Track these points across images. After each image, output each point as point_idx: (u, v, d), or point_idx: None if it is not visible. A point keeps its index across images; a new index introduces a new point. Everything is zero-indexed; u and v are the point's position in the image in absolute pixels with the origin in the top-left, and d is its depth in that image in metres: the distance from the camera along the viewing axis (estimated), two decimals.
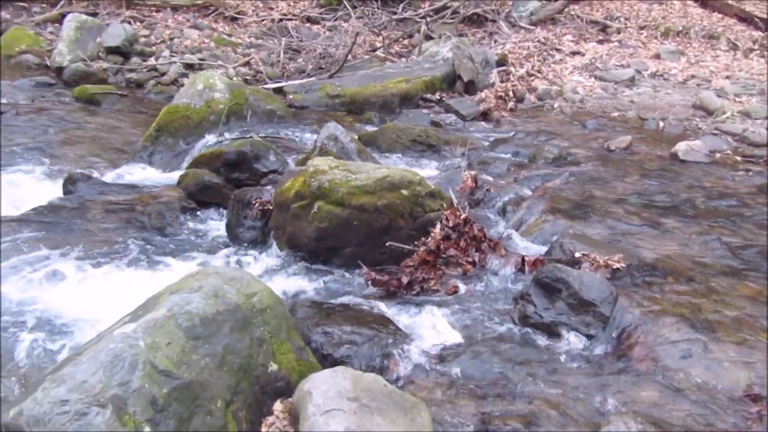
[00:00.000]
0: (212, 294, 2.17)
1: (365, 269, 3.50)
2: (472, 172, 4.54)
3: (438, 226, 3.63)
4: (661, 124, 6.83)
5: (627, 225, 4.07)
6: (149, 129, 5.79)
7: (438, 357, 2.83)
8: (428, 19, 10.13)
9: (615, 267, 3.35)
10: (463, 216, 3.67)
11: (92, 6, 10.07)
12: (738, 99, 7.57)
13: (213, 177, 4.64)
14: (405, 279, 3.43)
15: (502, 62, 8.47)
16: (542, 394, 2.54)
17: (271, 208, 3.98)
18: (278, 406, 2.19)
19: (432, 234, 3.61)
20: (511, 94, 7.54)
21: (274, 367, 2.21)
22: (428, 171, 5.13)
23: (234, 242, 4.07)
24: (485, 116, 7.04)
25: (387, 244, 3.60)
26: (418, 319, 3.15)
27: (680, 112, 7.19)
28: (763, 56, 9.26)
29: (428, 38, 9.65)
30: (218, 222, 4.35)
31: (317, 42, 9.26)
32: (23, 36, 9.03)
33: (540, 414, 2.42)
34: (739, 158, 5.75)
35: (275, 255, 3.89)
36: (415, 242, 3.62)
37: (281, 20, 10.41)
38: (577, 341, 2.91)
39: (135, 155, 5.65)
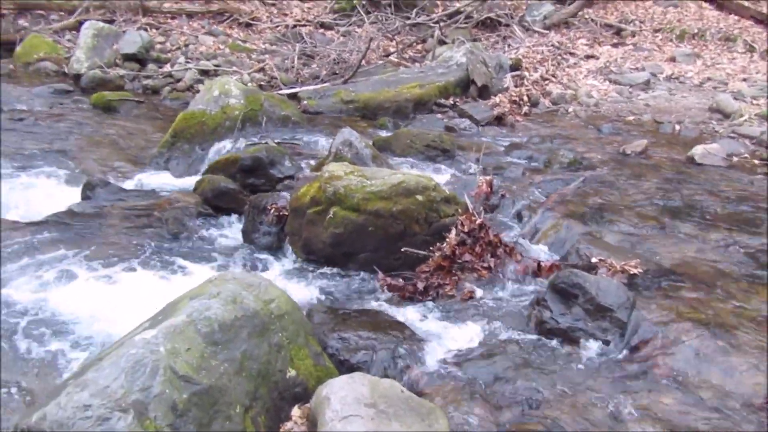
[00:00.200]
0: (231, 300, 2.19)
1: (380, 275, 3.51)
2: (487, 177, 4.53)
3: (453, 232, 3.64)
4: (677, 128, 6.79)
5: (643, 230, 4.05)
6: (165, 135, 5.84)
7: (454, 363, 2.83)
8: (442, 24, 10.14)
9: (632, 272, 3.34)
10: (479, 221, 3.67)
11: (109, 13, 10.18)
12: (755, 101, 7.50)
13: (229, 183, 4.67)
14: (420, 284, 3.44)
15: (516, 66, 8.46)
16: (559, 401, 2.53)
17: (287, 214, 4.01)
18: (296, 412, 2.20)
19: (447, 239, 3.62)
20: (526, 99, 7.53)
21: (292, 373, 2.23)
22: (443, 176, 5.13)
23: (250, 247, 4.09)
24: (499, 121, 7.03)
25: (402, 250, 3.60)
26: (434, 325, 3.15)
27: (696, 116, 7.14)
28: None
29: (442, 43, 9.66)
30: (234, 227, 4.37)
31: (331, 48, 9.30)
32: (41, 44, 9.15)
33: (557, 420, 2.41)
34: (757, 161, 5.69)
35: (291, 260, 3.91)
36: (431, 248, 3.63)
37: (295, 26, 10.47)
38: (594, 347, 2.90)
39: (151, 161, 5.70)
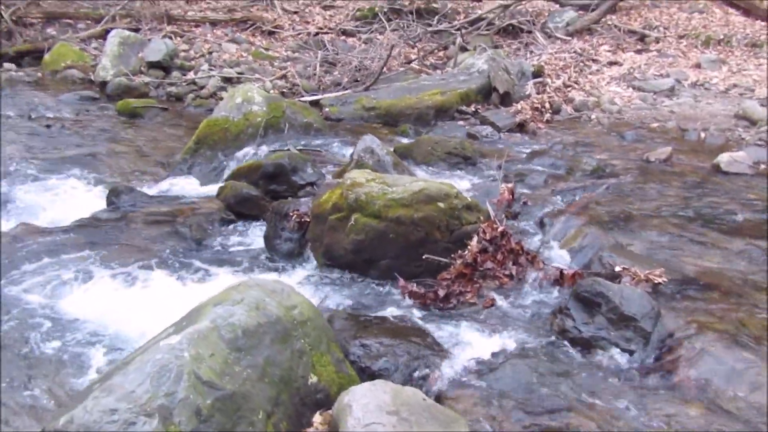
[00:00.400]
0: (254, 306, 2.21)
1: (402, 282, 3.51)
2: (509, 185, 4.52)
3: (475, 239, 3.62)
4: (703, 135, 6.70)
5: (668, 238, 4.00)
6: (189, 142, 5.91)
7: (476, 371, 2.81)
8: (463, 31, 10.14)
9: (656, 281, 3.29)
10: (500, 229, 3.65)
11: (135, 22, 10.35)
12: None
13: (251, 189, 4.71)
14: (441, 292, 3.43)
15: (538, 73, 8.42)
16: (582, 410, 2.51)
17: (309, 220, 4.02)
18: (318, 419, 2.21)
19: (469, 247, 3.60)
20: (548, 106, 7.49)
21: (314, 379, 2.23)
22: (464, 183, 5.12)
23: (272, 254, 4.11)
24: (521, 128, 7.00)
25: (423, 257, 3.60)
26: (455, 333, 3.14)
27: (722, 123, 7.04)
28: None
29: (463, 50, 9.65)
30: (256, 233, 4.40)
31: (353, 55, 9.35)
32: (69, 52, 9.33)
33: (580, 430, 2.39)
34: None
35: (312, 267, 3.92)
36: (452, 255, 3.62)
37: (317, 34, 10.54)
38: (618, 357, 2.87)
39: (175, 167, 5.77)
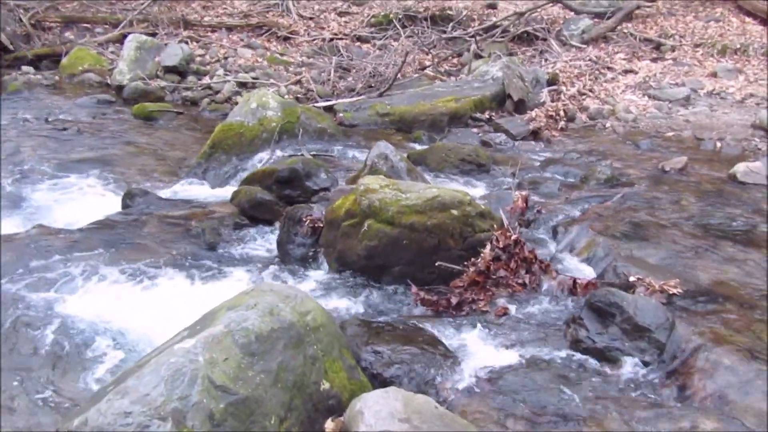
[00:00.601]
0: (267, 311, 2.21)
1: (414, 288, 3.50)
2: (523, 192, 4.50)
3: (488, 247, 3.61)
4: (719, 145, 6.66)
5: (683, 249, 3.98)
6: (204, 146, 5.95)
7: (488, 380, 2.80)
8: (478, 38, 10.14)
9: (671, 292, 3.27)
10: (514, 237, 3.64)
11: (152, 27, 10.45)
12: None
13: (265, 194, 4.73)
14: (454, 299, 3.42)
15: (553, 81, 8.41)
16: (596, 422, 2.49)
17: (322, 226, 4.03)
18: (329, 425, 2.20)
19: (482, 254, 3.60)
20: (562, 114, 7.47)
21: (326, 386, 2.23)
22: (478, 191, 5.11)
23: (285, 259, 4.12)
24: (535, 136, 6.99)
25: (436, 264, 3.59)
26: (468, 341, 3.13)
27: (738, 132, 6.99)
28: None
29: (478, 57, 9.66)
30: (269, 238, 4.42)
31: (367, 61, 9.38)
32: (86, 56, 9.42)
33: None
34: None
35: (325, 272, 3.93)
36: (465, 263, 3.61)
37: (332, 39, 10.58)
38: (632, 368, 2.85)
39: (190, 171, 5.81)
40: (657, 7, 11.21)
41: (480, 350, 3.05)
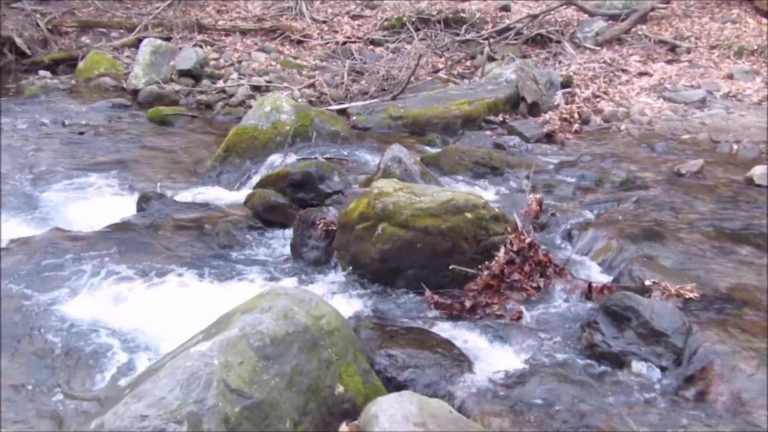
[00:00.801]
0: (282, 315, 2.22)
1: (428, 292, 3.50)
2: (537, 196, 4.48)
3: (502, 250, 3.60)
4: (735, 147, 6.59)
5: (699, 253, 3.94)
6: (218, 149, 5.98)
7: (502, 384, 2.79)
8: (491, 41, 10.12)
9: (687, 296, 3.24)
10: (528, 240, 3.63)
11: (166, 31, 10.53)
12: None
13: (279, 197, 4.75)
14: (468, 303, 3.41)
15: (567, 84, 8.36)
16: (612, 427, 2.47)
17: (335, 229, 4.04)
18: (344, 429, 2.21)
19: (496, 258, 3.58)
20: (576, 116, 7.42)
21: (341, 389, 2.24)
22: (491, 194, 5.09)
23: (298, 261, 4.13)
24: (549, 138, 6.95)
25: (450, 268, 3.59)
26: (482, 344, 3.12)
27: (755, 135, 6.91)
28: None
29: (491, 59, 9.63)
30: (283, 241, 4.43)
31: (380, 64, 9.38)
32: (102, 60, 9.52)
33: None
34: None
35: (338, 275, 3.93)
36: (479, 266, 3.60)
37: (345, 43, 10.60)
38: (648, 373, 2.82)
39: (204, 174, 5.84)
40: (672, 9, 11.12)
41: (494, 354, 3.04)
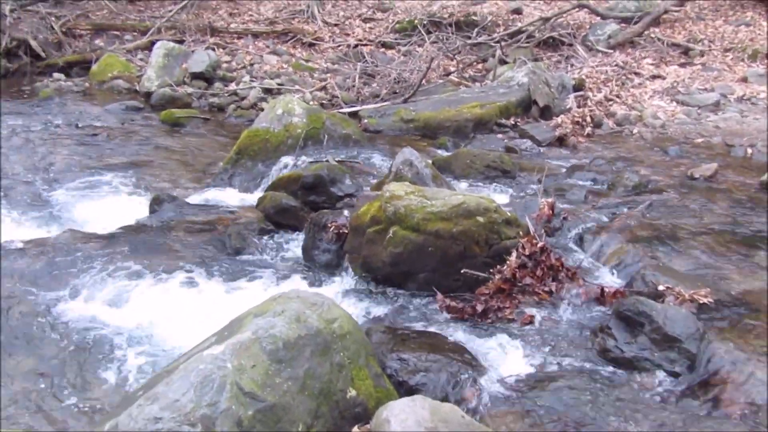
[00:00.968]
0: (295, 318, 2.22)
1: (439, 296, 3.49)
2: (549, 199, 4.46)
3: (514, 254, 3.59)
4: (750, 151, 6.53)
5: (713, 257, 3.91)
6: (230, 152, 6.01)
7: (514, 388, 2.78)
8: (503, 44, 10.09)
9: (701, 302, 3.22)
10: (540, 244, 3.61)
11: (179, 34, 10.59)
12: None
13: (290, 200, 4.76)
14: (480, 307, 3.40)
15: (579, 87, 8.32)
16: None
17: (347, 232, 4.04)
18: None
19: (508, 262, 3.57)
20: (589, 120, 7.38)
21: (353, 393, 2.24)
22: (503, 197, 5.08)
23: (310, 264, 4.15)
24: (561, 142, 6.91)
25: (462, 271, 3.58)
26: (493, 349, 3.11)
27: None
28: None
29: (503, 63, 9.61)
30: (294, 244, 4.44)
31: (392, 67, 9.39)
32: (115, 62, 9.59)
33: None
34: None
35: (350, 278, 3.93)
36: (491, 270, 3.59)
37: (357, 46, 10.62)
38: (662, 379, 2.80)
39: (216, 177, 5.87)
40: (685, 12, 11.05)
41: (506, 359, 3.03)
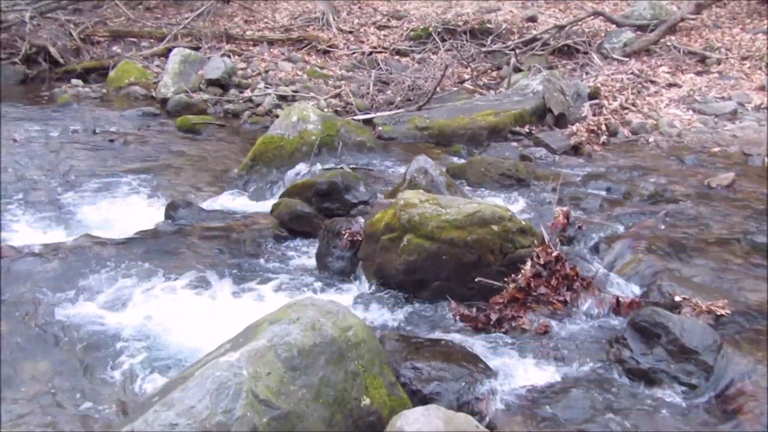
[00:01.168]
0: (309, 326, 2.23)
1: (453, 304, 3.49)
2: (564, 208, 4.45)
3: (528, 263, 3.58)
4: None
5: (730, 268, 3.87)
6: (245, 158, 6.04)
7: (528, 399, 2.77)
8: (517, 51, 10.08)
9: (719, 313, 3.19)
10: (555, 253, 3.60)
11: (195, 41, 10.69)
12: None
13: (305, 206, 4.77)
14: (494, 316, 3.39)
15: (595, 95, 8.28)
16: None
17: (361, 239, 4.04)
18: None
19: (522, 271, 3.56)
20: (604, 128, 7.35)
21: (367, 402, 2.23)
22: (518, 206, 5.06)
23: (323, 271, 4.15)
24: (576, 150, 6.89)
25: (476, 280, 3.57)
26: (507, 358, 3.09)
27: None
28: None
29: (517, 70, 9.60)
30: (308, 251, 4.45)
31: (406, 74, 9.40)
32: (132, 69, 9.69)
33: None
34: None
35: (363, 286, 3.93)
36: (505, 279, 3.58)
37: (371, 53, 10.66)
38: (678, 391, 2.77)
39: (231, 183, 5.91)
40: (702, 20, 10.99)
41: (520, 368, 3.01)
